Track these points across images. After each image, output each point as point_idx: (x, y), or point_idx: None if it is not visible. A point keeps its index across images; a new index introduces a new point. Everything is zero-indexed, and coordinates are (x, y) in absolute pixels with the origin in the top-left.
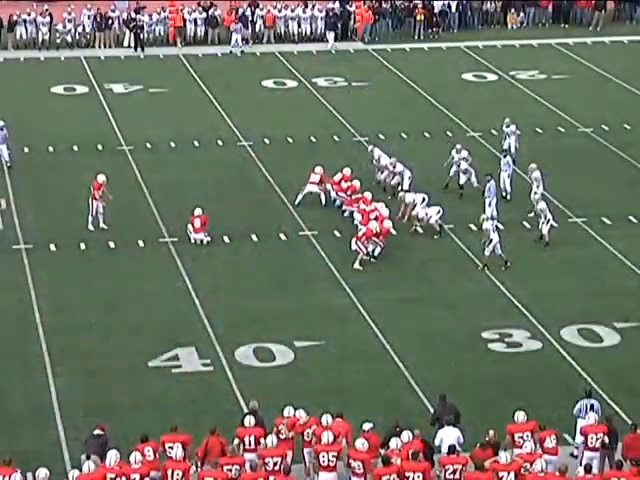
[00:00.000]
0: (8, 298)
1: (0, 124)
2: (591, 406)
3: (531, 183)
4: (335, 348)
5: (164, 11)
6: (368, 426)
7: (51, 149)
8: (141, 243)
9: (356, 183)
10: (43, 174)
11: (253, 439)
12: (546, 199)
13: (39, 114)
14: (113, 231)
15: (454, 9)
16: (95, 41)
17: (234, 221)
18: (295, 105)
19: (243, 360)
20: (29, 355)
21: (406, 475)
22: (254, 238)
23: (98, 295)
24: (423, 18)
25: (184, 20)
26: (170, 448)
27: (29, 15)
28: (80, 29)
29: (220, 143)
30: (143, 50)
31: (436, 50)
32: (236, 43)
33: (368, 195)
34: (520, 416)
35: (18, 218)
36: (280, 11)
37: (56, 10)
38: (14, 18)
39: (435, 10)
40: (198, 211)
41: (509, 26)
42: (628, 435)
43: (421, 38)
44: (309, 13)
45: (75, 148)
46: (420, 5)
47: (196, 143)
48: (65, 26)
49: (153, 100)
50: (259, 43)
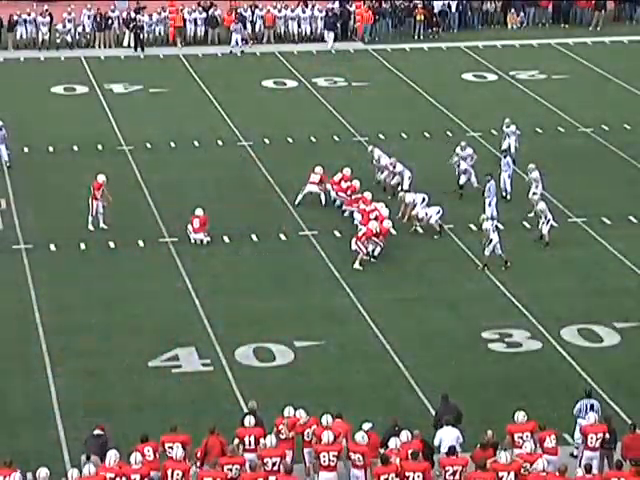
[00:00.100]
0: (8, 298)
1: None
2: (591, 406)
3: (530, 183)
4: (335, 348)
5: (164, 11)
6: (368, 426)
7: (51, 149)
8: (141, 243)
9: (356, 183)
10: (43, 174)
11: (253, 439)
12: (546, 199)
13: (39, 114)
14: (113, 231)
15: (454, 9)
16: (95, 41)
17: (234, 221)
18: (295, 105)
19: (243, 360)
20: (29, 355)
21: (406, 475)
22: (254, 238)
23: (98, 295)
24: (423, 18)
25: (184, 20)
26: (170, 448)
27: (29, 15)
28: (80, 29)
29: (220, 143)
30: (143, 50)
31: (436, 50)
32: (236, 43)
33: (368, 195)
34: (520, 416)
35: (18, 218)
36: (280, 11)
37: (56, 10)
38: (14, 18)
39: (435, 10)
40: (199, 211)
41: (509, 26)
42: (627, 435)
43: (421, 38)
44: (309, 13)
45: (75, 148)
46: (420, 5)
47: (196, 143)
48: (65, 26)
49: (153, 100)
50: (259, 43)
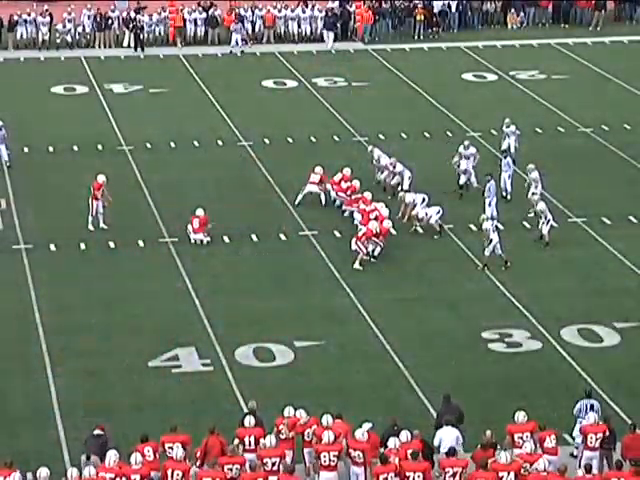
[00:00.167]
0: (8, 298)
1: None
2: (591, 406)
3: (529, 183)
4: (335, 348)
5: (164, 11)
6: (368, 426)
7: (51, 149)
8: (141, 243)
9: (356, 183)
10: (43, 174)
11: (253, 439)
12: (546, 199)
13: (39, 114)
14: (113, 231)
15: (454, 9)
16: (95, 41)
17: (234, 221)
18: (295, 105)
19: (243, 360)
20: (29, 355)
21: (406, 475)
22: (254, 238)
23: (98, 295)
24: (423, 18)
25: (184, 20)
26: (170, 448)
27: (29, 15)
28: (80, 29)
29: (220, 143)
30: (143, 50)
31: (436, 50)
32: (236, 43)
33: (368, 195)
34: (520, 416)
35: (18, 218)
36: (280, 11)
37: (56, 10)
38: (14, 18)
39: (435, 10)
40: (200, 211)
41: (509, 26)
42: (627, 435)
43: (421, 38)
44: (309, 13)
45: (75, 148)
46: (420, 5)
47: (196, 143)
48: (65, 26)
49: (153, 100)
50: (259, 43)
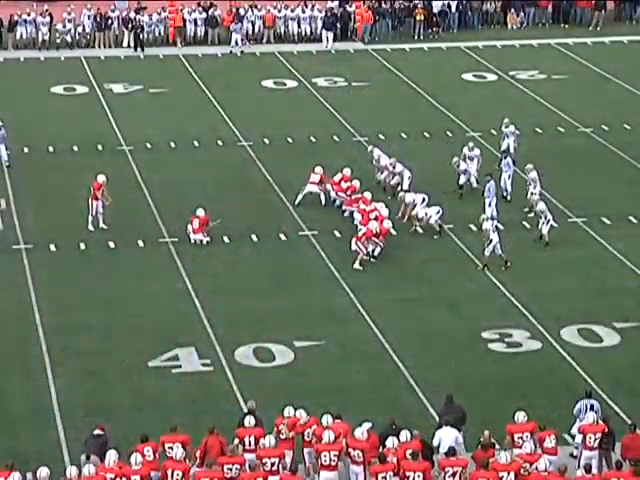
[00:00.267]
0: (8, 298)
1: None
2: (591, 406)
3: (528, 183)
4: (335, 348)
5: (164, 11)
6: (368, 426)
7: (51, 149)
8: (141, 243)
9: (356, 183)
10: (43, 174)
11: (253, 439)
12: (545, 199)
13: (39, 114)
14: (113, 231)
15: (454, 9)
16: (95, 41)
17: (234, 221)
18: (295, 105)
19: (243, 360)
20: (29, 355)
21: (406, 475)
22: (254, 238)
23: (98, 295)
24: (423, 18)
25: (184, 20)
26: (170, 448)
27: (29, 15)
28: (80, 29)
29: (220, 143)
30: (143, 50)
31: (436, 50)
32: (236, 43)
33: (368, 195)
34: (520, 416)
35: (18, 218)
36: (280, 11)
37: (56, 10)
38: (14, 18)
39: (435, 10)
40: (200, 212)
41: (509, 26)
42: (627, 435)
43: (421, 38)
44: (309, 13)
45: (75, 148)
46: (420, 5)
47: (196, 143)
48: (65, 26)
49: (153, 100)
50: (259, 43)
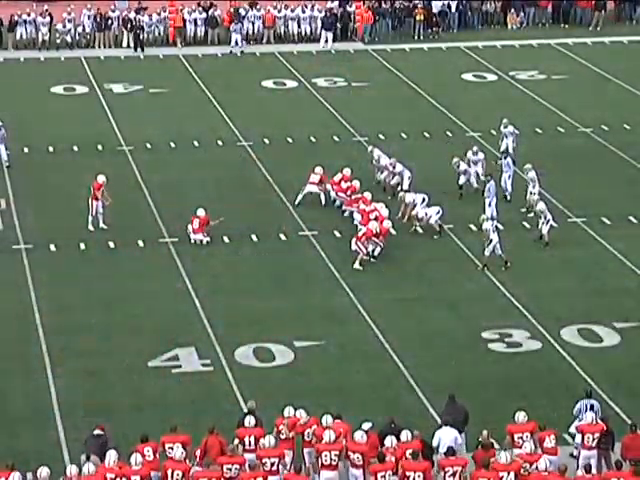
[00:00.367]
0: (8, 298)
1: None
2: (591, 406)
3: (527, 184)
4: (335, 348)
5: (164, 11)
6: (367, 426)
7: (51, 149)
8: (141, 243)
9: (356, 183)
10: (43, 174)
11: (253, 439)
12: (545, 199)
13: (39, 114)
14: (113, 231)
15: (454, 9)
16: (95, 41)
17: (234, 221)
18: (295, 105)
19: (243, 360)
20: (29, 355)
21: (406, 475)
22: (254, 238)
23: (98, 295)
24: (423, 18)
25: (184, 20)
26: (170, 448)
27: (29, 15)
28: (80, 29)
29: (220, 143)
30: (143, 50)
31: (436, 50)
32: (235, 43)
33: (368, 195)
34: (520, 416)
35: (18, 218)
36: (280, 11)
37: (56, 10)
38: (14, 18)
39: (435, 10)
40: (201, 212)
41: (509, 26)
42: (628, 435)
43: (421, 38)
44: (309, 13)
45: (75, 148)
46: (420, 5)
47: (196, 143)
48: (65, 26)
49: (153, 100)
50: (259, 43)
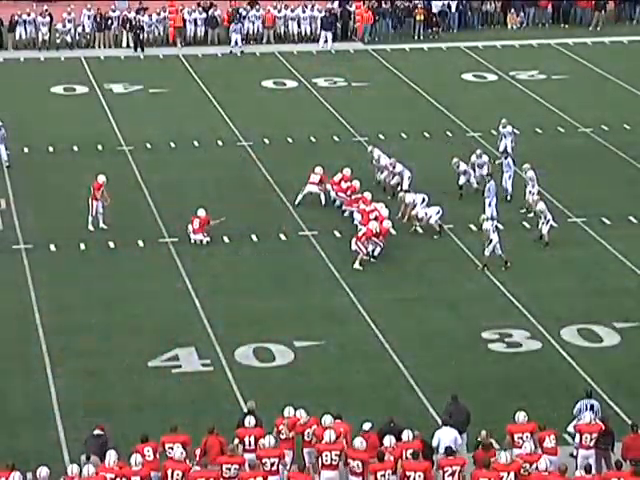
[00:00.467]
0: (8, 298)
1: None
2: (591, 406)
3: (526, 183)
4: (335, 348)
5: (164, 11)
6: (368, 426)
7: (51, 149)
8: (141, 243)
9: (356, 183)
10: (43, 174)
11: (253, 439)
12: (545, 199)
13: (39, 114)
14: (113, 231)
15: (454, 9)
16: (95, 41)
17: (234, 221)
18: (295, 105)
19: (243, 360)
20: (29, 355)
21: (407, 475)
22: (254, 238)
23: (98, 295)
24: (423, 18)
25: (184, 20)
26: (170, 448)
27: (29, 15)
28: (80, 29)
29: (220, 143)
30: (143, 50)
31: (436, 50)
32: (235, 43)
33: (368, 195)
34: (521, 416)
35: (18, 218)
36: (280, 11)
37: (56, 10)
38: (14, 18)
39: (435, 10)
40: (201, 212)
41: (509, 26)
42: (628, 435)
43: (421, 38)
44: (309, 13)
45: (75, 148)
46: (420, 5)
47: (196, 143)
48: (65, 26)
49: (153, 100)
50: (259, 43)
